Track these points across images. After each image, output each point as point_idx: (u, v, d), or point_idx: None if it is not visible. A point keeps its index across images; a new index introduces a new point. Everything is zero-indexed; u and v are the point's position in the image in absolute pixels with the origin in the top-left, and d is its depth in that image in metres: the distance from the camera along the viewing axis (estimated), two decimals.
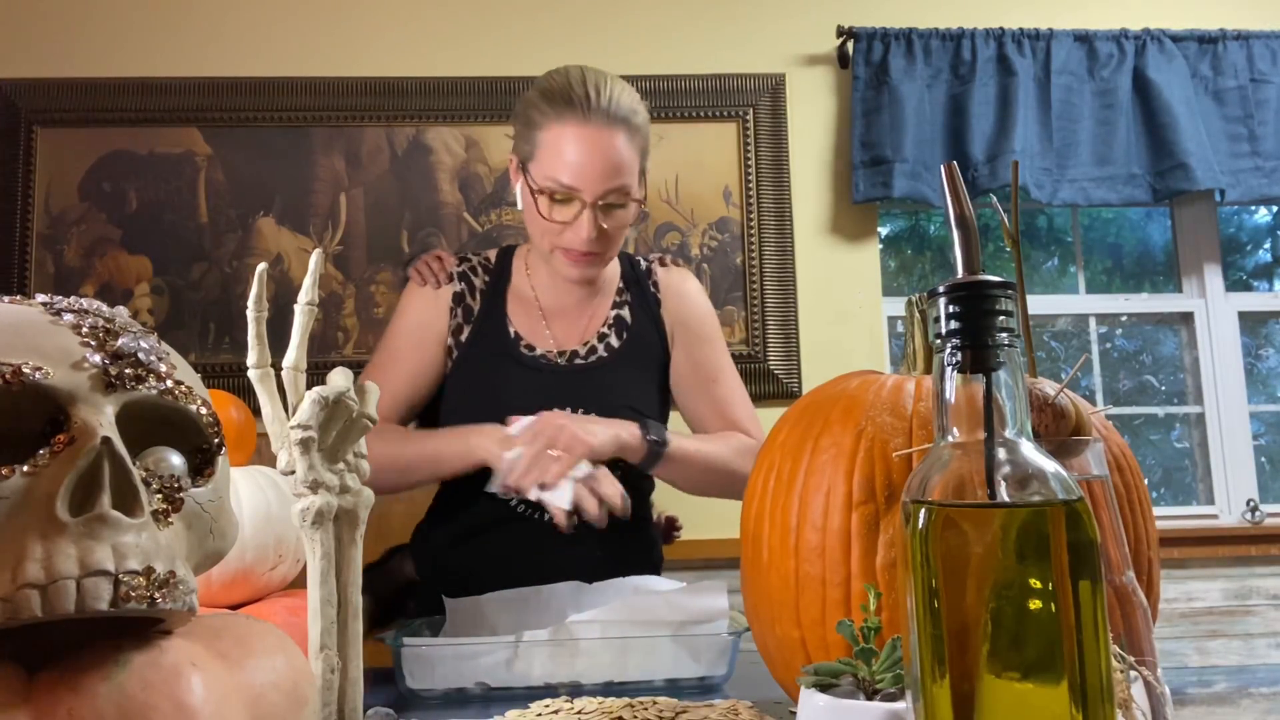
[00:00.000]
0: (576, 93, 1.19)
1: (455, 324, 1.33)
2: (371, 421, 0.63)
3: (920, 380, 0.79)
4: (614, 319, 1.37)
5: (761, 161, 2.61)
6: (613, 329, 1.36)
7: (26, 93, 2.48)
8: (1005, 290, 0.46)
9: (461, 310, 1.33)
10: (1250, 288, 2.91)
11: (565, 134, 1.19)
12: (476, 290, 1.35)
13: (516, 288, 1.36)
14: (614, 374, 1.33)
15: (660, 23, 2.65)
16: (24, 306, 0.49)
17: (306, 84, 2.54)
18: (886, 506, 0.73)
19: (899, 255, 2.91)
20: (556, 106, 1.20)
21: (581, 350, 1.34)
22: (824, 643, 0.75)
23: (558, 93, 1.20)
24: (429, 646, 0.96)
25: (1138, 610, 0.54)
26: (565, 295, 1.35)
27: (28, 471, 0.43)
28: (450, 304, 1.33)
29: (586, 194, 1.20)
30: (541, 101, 1.21)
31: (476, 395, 1.29)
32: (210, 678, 0.45)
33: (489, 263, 1.38)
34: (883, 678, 0.58)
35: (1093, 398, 2.70)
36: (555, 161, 1.20)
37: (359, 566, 0.63)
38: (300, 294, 0.62)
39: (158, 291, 2.46)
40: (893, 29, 2.59)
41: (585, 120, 1.18)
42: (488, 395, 1.29)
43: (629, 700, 0.81)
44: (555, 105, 1.20)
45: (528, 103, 1.24)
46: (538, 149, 1.22)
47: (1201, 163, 2.53)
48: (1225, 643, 2.49)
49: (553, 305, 1.35)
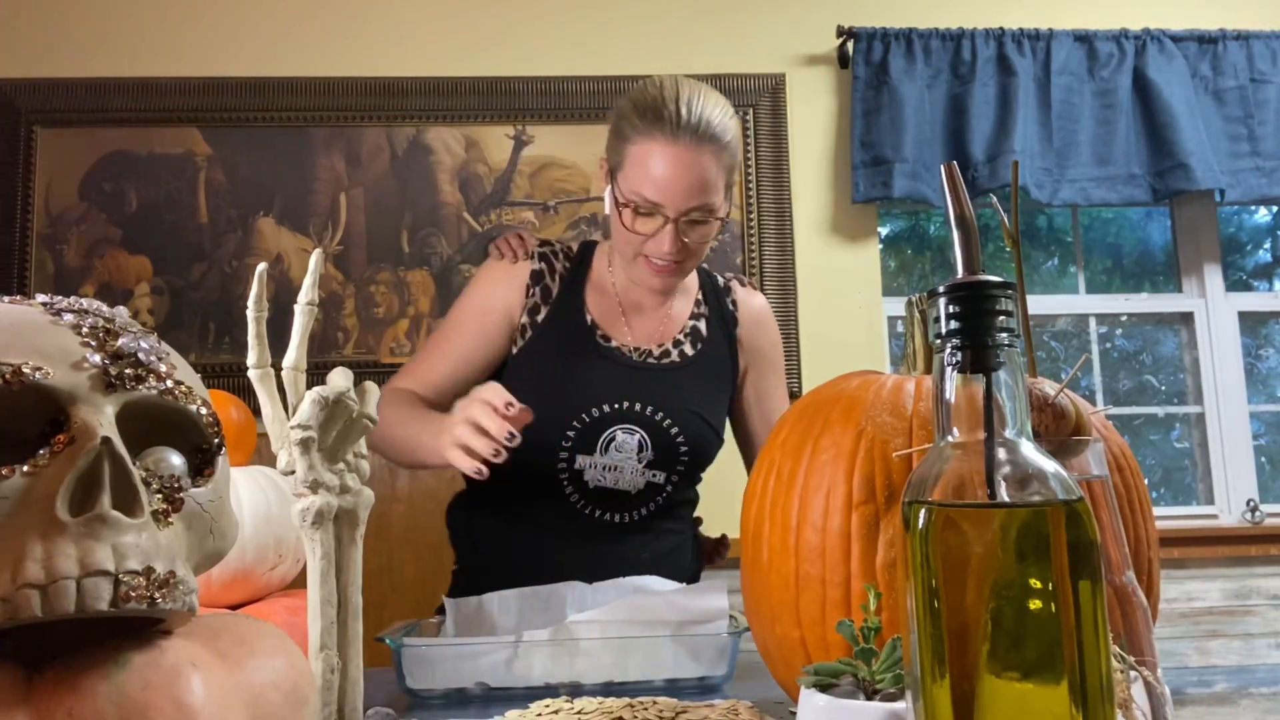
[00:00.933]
0: (668, 109, 1.18)
1: (532, 303, 1.32)
2: (372, 421, 0.63)
3: (920, 380, 0.79)
4: (690, 329, 1.38)
5: (761, 161, 2.61)
6: (688, 338, 1.37)
7: (26, 93, 2.48)
8: (1005, 290, 0.46)
9: (539, 290, 1.33)
10: (1250, 288, 2.91)
11: (653, 150, 1.19)
12: (556, 273, 1.35)
13: (597, 279, 1.36)
14: (686, 380, 1.34)
15: (660, 23, 2.65)
16: (24, 306, 0.49)
17: (306, 84, 2.54)
18: (886, 506, 0.73)
19: (899, 255, 2.91)
20: (647, 121, 1.20)
21: (655, 351, 1.34)
22: (824, 643, 0.75)
23: (649, 107, 1.20)
24: (429, 646, 0.96)
25: (1138, 610, 0.54)
26: (644, 295, 1.36)
27: (28, 471, 0.43)
28: (528, 282, 1.33)
29: (670, 210, 1.21)
30: (633, 114, 1.22)
31: (551, 378, 1.29)
32: (210, 678, 0.45)
33: (570, 251, 1.38)
34: (883, 678, 0.58)
35: (1093, 398, 2.70)
36: (641, 176, 1.20)
37: (359, 566, 0.63)
38: (300, 294, 0.62)
39: (158, 291, 2.46)
40: (893, 29, 2.59)
41: (674, 138, 1.18)
42: (563, 380, 1.29)
43: (629, 700, 0.81)
44: (645, 120, 1.20)
45: (620, 113, 1.25)
46: (626, 161, 1.22)
47: (1201, 163, 2.53)
48: (1225, 643, 2.49)
49: (631, 302, 1.36)
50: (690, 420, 1.31)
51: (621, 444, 1.28)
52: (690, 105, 1.19)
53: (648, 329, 1.36)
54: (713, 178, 1.21)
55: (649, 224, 1.23)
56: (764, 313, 1.45)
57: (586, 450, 1.27)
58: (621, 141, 1.23)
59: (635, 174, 1.21)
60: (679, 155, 1.19)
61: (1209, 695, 0.87)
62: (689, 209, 1.21)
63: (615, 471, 1.28)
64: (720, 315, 1.41)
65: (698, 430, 1.32)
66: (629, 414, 1.28)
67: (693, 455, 1.32)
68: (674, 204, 1.21)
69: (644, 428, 1.28)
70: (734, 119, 1.25)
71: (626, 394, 1.28)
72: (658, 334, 1.36)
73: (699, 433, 1.32)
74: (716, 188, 1.22)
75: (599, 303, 1.35)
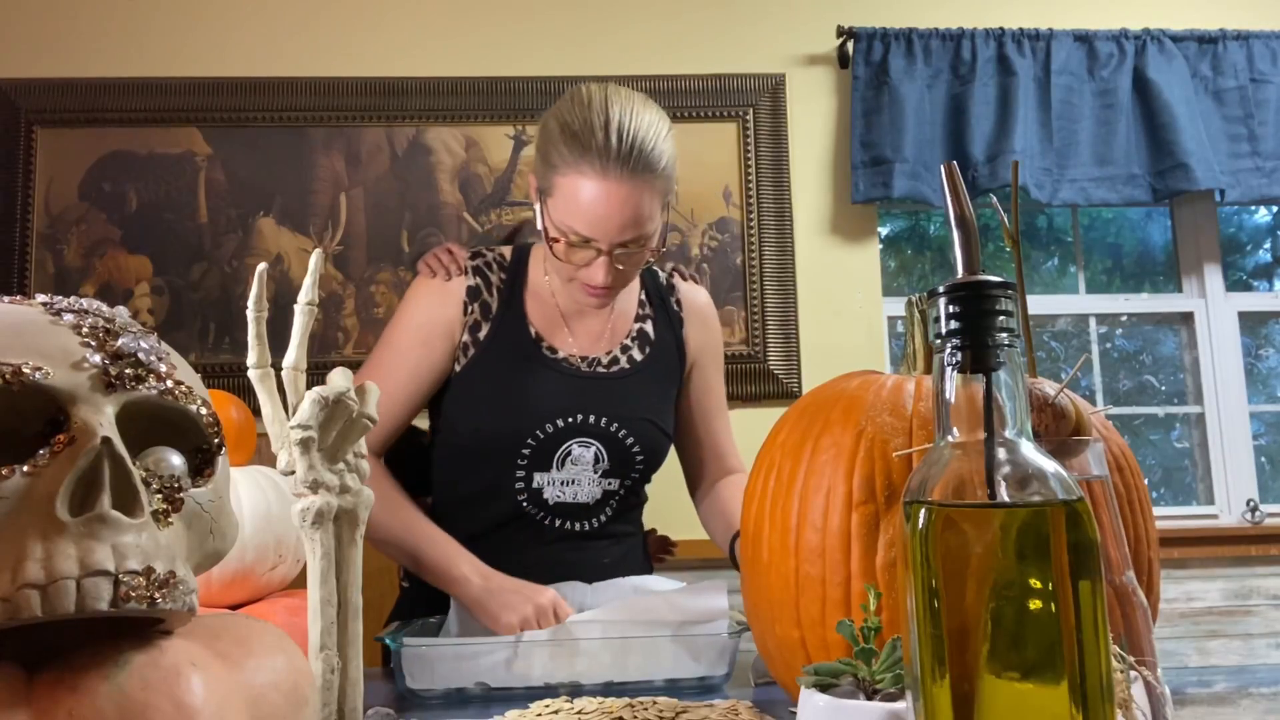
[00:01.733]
0: (597, 138, 1.12)
1: (472, 320, 1.28)
2: (371, 421, 0.63)
3: (920, 380, 0.79)
4: (637, 332, 1.35)
5: (761, 161, 2.61)
6: (635, 342, 1.35)
7: (26, 93, 2.48)
8: (1005, 290, 0.46)
9: (478, 306, 1.29)
10: (1250, 288, 2.91)
11: (582, 184, 1.13)
12: (493, 286, 1.30)
13: (534, 287, 1.32)
14: (637, 386, 1.32)
15: (661, 23, 2.65)
16: (24, 306, 0.49)
17: (306, 84, 2.54)
18: (886, 506, 0.73)
19: (899, 255, 2.91)
20: (575, 151, 1.13)
21: (604, 359, 1.31)
22: (824, 643, 0.75)
23: (577, 135, 1.14)
24: (429, 647, 0.96)
25: (1138, 610, 0.54)
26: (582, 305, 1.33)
27: (28, 471, 0.43)
28: (464, 299, 1.28)
29: (603, 244, 1.16)
30: (560, 141, 1.15)
31: (500, 396, 1.26)
32: (210, 678, 0.45)
33: (504, 260, 1.34)
34: (883, 678, 0.58)
35: (1093, 398, 2.69)
36: (572, 210, 1.15)
37: (359, 566, 0.63)
38: (300, 294, 0.62)
39: (158, 291, 2.46)
40: (893, 29, 2.59)
41: (604, 171, 1.12)
42: (513, 395, 1.26)
43: (629, 700, 0.81)
44: (573, 149, 1.14)
45: (547, 135, 1.18)
46: (555, 190, 1.17)
47: (1201, 163, 2.53)
48: (1225, 643, 2.49)
49: (572, 308, 1.32)
50: (644, 428, 1.30)
51: (578, 457, 1.26)
52: (621, 131, 1.12)
53: (592, 334, 1.33)
54: (647, 209, 1.16)
55: (582, 255, 1.18)
56: (708, 309, 1.43)
57: (543, 467, 1.26)
58: (549, 169, 1.17)
59: (566, 206, 1.16)
60: (610, 190, 1.13)
61: (1209, 695, 0.87)
62: (622, 241, 1.17)
63: (574, 485, 1.27)
64: (666, 314, 1.38)
65: (651, 437, 1.31)
66: (583, 427, 1.26)
67: (647, 460, 1.32)
68: (607, 238, 1.16)
69: (599, 439, 1.27)
70: (667, 138, 1.17)
71: (579, 407, 1.26)
72: (604, 339, 1.33)
73: (652, 439, 1.32)
74: (651, 216, 1.17)
75: (540, 312, 1.31)
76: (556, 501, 1.27)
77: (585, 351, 1.31)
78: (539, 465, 1.26)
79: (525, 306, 1.30)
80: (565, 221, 1.16)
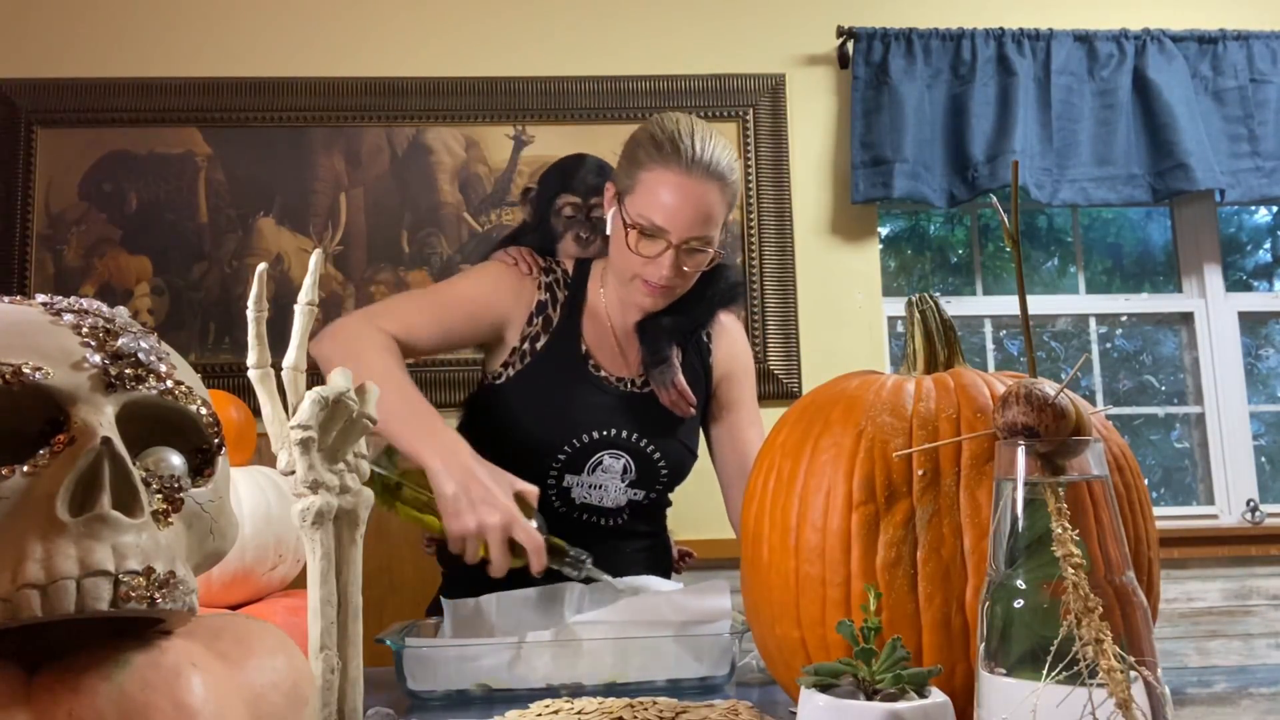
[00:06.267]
0: (684, 143, 1.26)
1: (534, 331, 1.38)
2: (372, 421, 0.63)
3: (920, 380, 0.79)
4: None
5: (761, 161, 2.60)
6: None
7: (26, 93, 2.48)
8: None
9: (542, 320, 1.39)
10: (1250, 288, 2.91)
11: (666, 179, 1.26)
12: (559, 303, 1.41)
13: (592, 305, 1.42)
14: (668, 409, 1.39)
15: (660, 22, 2.64)
16: (24, 306, 0.49)
17: (306, 84, 2.54)
18: (886, 506, 0.73)
19: (899, 255, 2.91)
20: (663, 151, 1.27)
21: (638, 380, 1.40)
22: (824, 643, 0.75)
23: (666, 139, 1.27)
24: (430, 648, 0.96)
25: (1138, 610, 0.54)
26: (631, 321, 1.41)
27: (28, 471, 0.43)
28: (532, 310, 1.39)
29: (674, 236, 1.27)
30: (649, 143, 1.29)
31: (546, 405, 1.35)
32: (210, 678, 0.45)
33: (568, 275, 1.44)
34: (883, 678, 0.58)
35: (1093, 398, 2.69)
36: (651, 201, 1.27)
37: (359, 566, 0.63)
38: (300, 294, 0.62)
39: (158, 291, 2.45)
40: (893, 29, 2.59)
41: (686, 171, 1.26)
42: (557, 407, 1.35)
43: (629, 700, 0.81)
44: (662, 151, 1.27)
45: (636, 141, 1.32)
46: (637, 185, 1.29)
47: (1201, 163, 2.53)
48: (1225, 643, 2.49)
49: (622, 329, 1.42)
50: (672, 445, 1.39)
51: (608, 466, 1.36)
52: (703, 143, 1.27)
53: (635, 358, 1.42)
54: (716, 212, 1.29)
55: (652, 247, 1.29)
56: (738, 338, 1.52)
57: (575, 471, 1.35)
58: (635, 167, 1.30)
59: (645, 199, 1.28)
60: (689, 187, 1.26)
61: (1209, 695, 0.87)
62: (691, 237, 1.28)
63: (600, 490, 1.36)
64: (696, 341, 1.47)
65: (678, 454, 1.41)
66: (616, 440, 1.35)
67: (671, 475, 1.41)
68: (678, 231, 1.27)
69: (629, 453, 1.36)
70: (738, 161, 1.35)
71: (614, 422, 1.36)
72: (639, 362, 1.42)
73: (679, 456, 1.41)
74: (717, 221, 1.30)
75: (593, 331, 1.41)
76: (583, 501, 1.36)
77: (626, 374, 1.41)
78: (571, 469, 1.35)
79: (582, 324, 1.40)
80: (643, 213, 1.27)
